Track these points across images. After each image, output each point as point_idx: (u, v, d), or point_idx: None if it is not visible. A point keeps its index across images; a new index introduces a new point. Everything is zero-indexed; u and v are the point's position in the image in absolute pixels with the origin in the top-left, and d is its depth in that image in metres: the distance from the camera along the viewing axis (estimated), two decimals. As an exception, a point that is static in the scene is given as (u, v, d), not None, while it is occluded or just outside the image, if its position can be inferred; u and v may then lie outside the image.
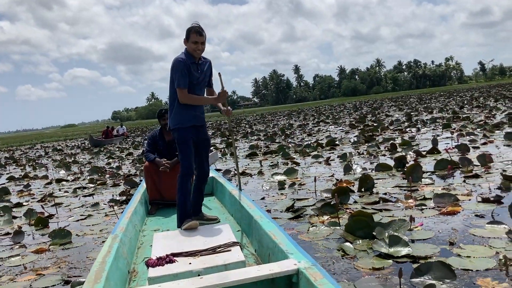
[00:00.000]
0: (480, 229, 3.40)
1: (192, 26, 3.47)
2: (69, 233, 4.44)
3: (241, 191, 4.10)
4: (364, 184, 5.14)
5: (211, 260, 2.57)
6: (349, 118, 21.38)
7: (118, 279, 2.52)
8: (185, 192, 3.54)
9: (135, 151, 15.63)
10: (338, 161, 7.72)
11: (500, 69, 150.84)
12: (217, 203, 4.78)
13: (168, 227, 3.94)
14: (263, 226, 2.92)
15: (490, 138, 8.45)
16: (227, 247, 2.74)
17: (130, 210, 3.89)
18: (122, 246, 2.90)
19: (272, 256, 2.62)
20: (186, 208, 3.52)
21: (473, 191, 4.58)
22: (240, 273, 2.22)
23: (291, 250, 2.40)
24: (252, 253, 3.08)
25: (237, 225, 3.79)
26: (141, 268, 2.95)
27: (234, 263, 2.51)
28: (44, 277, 3.33)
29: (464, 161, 5.87)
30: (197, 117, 3.59)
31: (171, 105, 3.57)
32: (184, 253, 2.69)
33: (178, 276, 2.39)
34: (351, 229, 3.57)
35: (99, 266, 2.40)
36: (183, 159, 3.55)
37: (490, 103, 20.28)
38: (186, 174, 3.55)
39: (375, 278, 2.70)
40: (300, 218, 4.28)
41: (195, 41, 3.44)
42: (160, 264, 2.55)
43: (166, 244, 2.94)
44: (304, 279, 2.09)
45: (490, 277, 2.55)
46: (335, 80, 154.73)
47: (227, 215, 4.21)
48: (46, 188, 8.33)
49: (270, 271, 2.17)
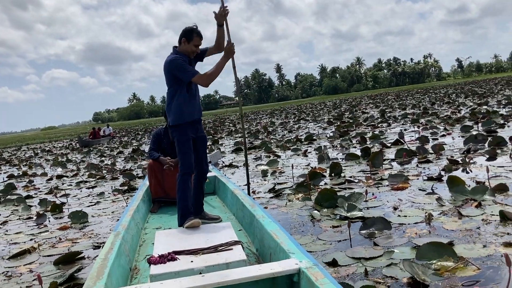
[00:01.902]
0: (418, 197, 4.36)
1: (194, 28, 3.48)
2: (86, 214, 5.26)
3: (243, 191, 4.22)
4: (334, 170, 6.07)
5: (213, 258, 2.59)
6: (328, 115, 22.42)
7: (120, 276, 2.55)
8: (185, 191, 3.54)
9: (125, 149, 16.37)
10: (314, 153, 8.66)
11: (477, 66, 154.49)
12: (219, 202, 4.85)
13: (170, 225, 3.97)
14: (265, 225, 2.94)
15: (449, 131, 9.50)
16: (229, 246, 2.75)
17: (133, 208, 3.92)
18: (124, 244, 2.93)
19: (274, 255, 2.63)
20: (187, 207, 3.53)
21: (422, 172, 5.55)
22: (242, 271, 2.22)
23: (292, 250, 2.41)
24: (253, 252, 3.11)
25: (238, 224, 3.82)
26: (142, 266, 2.99)
27: (236, 262, 2.51)
28: (78, 244, 4.18)
29: (420, 150, 6.87)
30: (194, 111, 3.58)
31: (169, 103, 3.56)
32: (186, 251, 2.71)
33: (180, 274, 2.41)
34: (319, 201, 4.49)
35: (101, 263, 2.41)
36: (183, 159, 3.56)
37: (460, 99, 21.55)
38: (186, 174, 3.56)
39: (333, 232, 3.63)
40: (280, 197, 5.19)
41: (197, 44, 3.50)
42: (162, 262, 2.57)
43: (168, 242, 2.96)
44: (305, 278, 2.10)
45: (416, 228, 3.49)
46: (316, 79, 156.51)
47: (229, 214, 4.26)
48: (49, 183, 9.08)
49: (271, 270, 2.18)
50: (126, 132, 35.75)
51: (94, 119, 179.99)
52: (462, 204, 3.97)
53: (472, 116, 11.82)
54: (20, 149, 29.50)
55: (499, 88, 28.49)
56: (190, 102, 3.54)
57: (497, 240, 3.00)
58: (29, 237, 4.70)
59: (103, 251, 2.64)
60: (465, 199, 4.08)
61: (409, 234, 3.36)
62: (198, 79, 3.46)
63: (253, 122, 26.42)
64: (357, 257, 3.00)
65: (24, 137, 68.51)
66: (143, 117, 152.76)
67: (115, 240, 2.86)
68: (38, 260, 3.80)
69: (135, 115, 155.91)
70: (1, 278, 3.44)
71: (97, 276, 2.23)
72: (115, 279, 2.38)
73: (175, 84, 3.52)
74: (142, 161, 11.36)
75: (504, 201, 3.90)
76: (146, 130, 35.26)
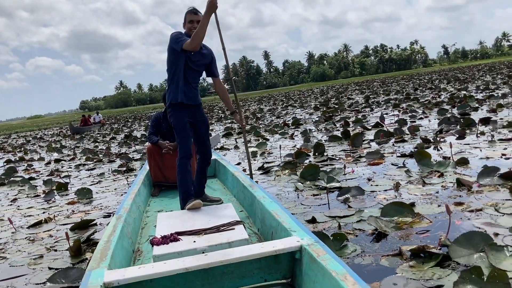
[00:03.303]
0: (390, 170, 4.93)
1: (188, 9, 3.63)
2: (90, 190, 5.75)
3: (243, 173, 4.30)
4: (318, 150, 6.62)
5: (215, 238, 2.62)
6: (315, 102, 22.98)
7: (123, 257, 2.57)
8: (185, 174, 3.57)
9: (117, 135, 16.78)
10: (301, 136, 9.21)
11: (462, 52, 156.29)
12: (219, 185, 4.92)
13: (171, 208, 4.00)
14: (266, 205, 2.97)
15: (427, 114, 10.11)
16: (231, 225, 2.79)
17: (134, 191, 3.95)
18: (126, 226, 2.96)
19: (275, 234, 2.65)
20: (188, 189, 3.57)
21: (397, 150, 6.13)
22: (244, 250, 2.25)
23: (294, 228, 2.43)
24: (255, 232, 3.14)
25: (239, 205, 3.88)
26: (145, 248, 3.02)
27: (238, 241, 2.55)
28: (90, 214, 4.67)
29: (397, 131, 7.45)
30: (192, 94, 3.61)
31: (169, 85, 3.66)
32: (188, 232, 2.75)
33: (183, 254, 2.43)
34: (303, 175, 5.04)
35: (104, 245, 2.43)
36: (181, 142, 3.59)
37: (442, 85, 22.23)
38: (185, 157, 3.60)
39: (314, 199, 4.18)
40: (269, 173, 5.73)
41: (191, 19, 3.55)
42: (165, 243, 2.59)
43: (170, 223, 3.00)
44: (307, 255, 2.13)
45: (385, 194, 4.05)
46: (304, 66, 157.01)
47: (230, 196, 4.33)
48: (48, 167, 9.51)
49: (274, 247, 2.21)
50: (116, 120, 36.00)
51: (81, 108, 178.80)
52: (427, 175, 4.54)
53: (450, 100, 12.44)
54: (10, 137, 29.62)
55: (481, 74, 29.28)
56: (187, 86, 3.58)
57: (450, 201, 3.57)
58: (41, 210, 5.18)
59: (105, 234, 2.65)
60: (430, 171, 4.65)
61: (379, 199, 3.92)
62: (187, 45, 3.40)
63: (242, 109, 26.86)
64: (332, 215, 3.56)
65: (11, 125, 68.18)
66: (130, 105, 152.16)
67: (117, 223, 2.88)
68: (55, 228, 4.31)
69: (122, 103, 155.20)
70: (26, 241, 3.94)
71: (100, 257, 2.24)
72: (118, 261, 2.39)
73: (173, 65, 3.57)
74: (136, 145, 11.81)
75: (463, 171, 4.48)
76: (135, 118, 35.55)
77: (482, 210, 3.25)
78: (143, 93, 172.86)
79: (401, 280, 2.32)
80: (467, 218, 3.13)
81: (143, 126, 21.64)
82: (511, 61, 62.81)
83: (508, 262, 2.35)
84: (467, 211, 3.28)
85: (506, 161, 4.70)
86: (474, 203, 3.44)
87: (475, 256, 2.45)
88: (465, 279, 2.17)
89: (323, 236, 2.94)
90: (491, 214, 3.15)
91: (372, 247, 2.83)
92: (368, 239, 3.00)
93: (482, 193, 3.67)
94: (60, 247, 3.65)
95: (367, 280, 2.31)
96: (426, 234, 2.95)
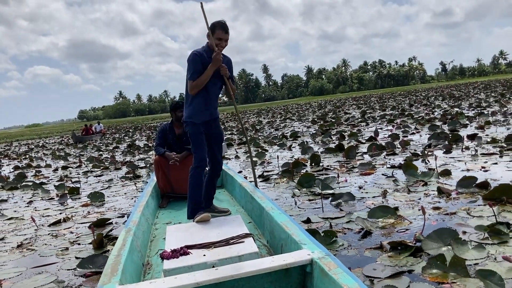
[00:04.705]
0: (380, 180, 5.40)
1: (218, 22, 3.49)
2: (102, 194, 6.20)
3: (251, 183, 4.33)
4: (314, 160, 7.09)
5: (225, 251, 2.61)
6: (312, 115, 23.53)
7: (134, 271, 2.57)
8: (197, 185, 3.57)
9: (120, 145, 17.24)
10: (298, 148, 9.69)
11: (460, 69, 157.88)
12: (227, 195, 4.93)
13: (179, 220, 4.01)
14: (275, 217, 2.96)
15: (419, 130, 10.61)
16: (240, 238, 2.78)
17: (142, 203, 3.94)
18: (136, 240, 2.96)
19: (285, 246, 2.65)
20: (198, 201, 3.56)
21: (387, 162, 6.60)
22: (255, 264, 2.24)
23: (304, 241, 2.43)
24: (264, 244, 3.13)
25: (248, 216, 3.87)
26: (155, 261, 3.01)
27: (248, 254, 2.53)
28: (106, 214, 5.12)
29: (389, 145, 7.94)
30: (209, 112, 3.63)
31: (186, 97, 3.63)
32: (198, 245, 2.74)
33: (193, 268, 2.42)
34: (301, 183, 5.50)
35: (114, 260, 2.44)
36: (196, 152, 3.59)
37: (437, 101, 22.81)
38: (199, 167, 3.58)
39: (309, 203, 4.64)
40: (268, 181, 6.19)
41: (220, 37, 3.46)
42: (175, 257, 2.58)
43: (179, 236, 2.98)
44: (318, 268, 2.12)
45: (374, 200, 4.52)
46: (303, 80, 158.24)
47: (238, 207, 4.32)
48: (56, 173, 9.95)
49: (284, 261, 2.20)
50: (116, 130, 36.48)
51: (79, 117, 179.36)
52: (412, 184, 5.01)
53: (442, 117, 12.97)
54: (11, 144, 30.04)
55: (475, 92, 29.93)
56: (206, 100, 3.57)
57: (430, 205, 4.04)
58: (58, 211, 5.62)
59: (115, 248, 2.66)
60: (416, 181, 5.12)
61: (368, 204, 4.38)
62: (190, 84, 3.49)
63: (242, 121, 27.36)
64: (325, 217, 4.03)
65: (10, 134, 68.51)
66: (129, 115, 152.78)
67: (126, 236, 2.89)
68: (74, 226, 4.75)
69: (121, 113, 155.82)
70: (50, 237, 4.38)
71: (111, 272, 2.25)
72: (129, 275, 2.40)
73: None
74: (140, 154, 12.27)
75: (445, 181, 4.95)
76: (136, 128, 36.04)
77: (456, 213, 3.71)
78: (142, 103, 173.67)
79: (380, 267, 2.78)
80: (442, 219, 3.59)
81: (145, 136, 22.11)
82: (507, 79, 63.76)
83: (470, 253, 2.82)
84: (443, 214, 3.74)
85: (485, 173, 5.18)
86: (450, 207, 3.91)
87: (443, 249, 2.91)
88: (431, 265, 2.64)
89: (315, 232, 3.40)
90: (463, 216, 3.62)
91: (357, 242, 3.30)
92: (355, 236, 3.46)
93: (458, 200, 4.14)
94: (82, 241, 4.10)
95: (352, 267, 2.78)
96: (406, 232, 3.41)
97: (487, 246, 2.91)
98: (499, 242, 2.97)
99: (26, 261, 3.69)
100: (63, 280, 3.13)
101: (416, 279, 2.56)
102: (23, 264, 3.61)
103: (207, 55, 3.48)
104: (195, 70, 3.44)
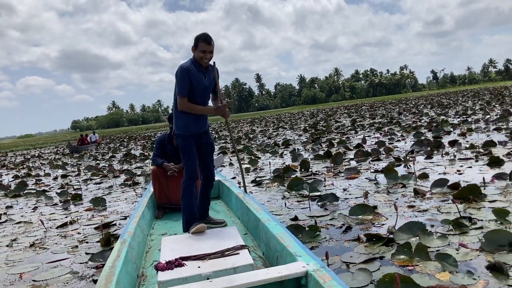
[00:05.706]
0: (363, 183, 5.84)
1: (201, 35, 3.50)
2: (104, 199, 6.57)
3: (247, 194, 4.32)
4: (303, 166, 7.53)
5: (220, 263, 2.60)
6: (304, 124, 24.04)
7: (128, 283, 2.56)
8: (190, 196, 3.59)
9: (116, 154, 17.60)
10: (289, 155, 10.12)
11: (451, 78, 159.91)
12: (223, 207, 4.93)
13: (175, 231, 4.01)
14: (271, 229, 2.96)
15: (404, 137, 11.10)
16: (235, 250, 2.77)
17: (138, 214, 3.94)
18: (130, 251, 2.94)
19: (280, 258, 2.66)
20: (192, 212, 3.58)
21: (371, 167, 7.06)
22: (249, 276, 2.24)
23: (299, 253, 2.44)
24: (259, 256, 3.14)
25: (244, 228, 3.88)
26: (149, 272, 3.00)
27: (243, 266, 2.53)
28: (109, 217, 5.51)
29: (374, 151, 8.40)
30: (199, 125, 3.65)
31: (175, 111, 3.63)
32: (193, 257, 2.74)
33: (188, 279, 2.41)
34: (290, 186, 5.93)
35: (109, 271, 2.43)
36: (187, 164, 3.61)
37: (426, 109, 23.41)
38: (191, 179, 3.60)
39: (298, 204, 5.07)
40: (260, 185, 6.61)
41: (203, 50, 3.47)
42: (170, 268, 2.58)
43: (174, 248, 2.97)
44: (313, 281, 2.12)
45: (355, 200, 4.95)
46: (295, 89, 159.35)
47: (234, 218, 4.33)
48: (56, 181, 10.30)
49: (279, 273, 2.21)
50: (111, 139, 36.82)
51: (72, 127, 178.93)
52: (392, 186, 5.46)
53: (428, 124, 13.49)
54: (7, 155, 30.23)
55: (464, 100, 30.65)
56: (193, 116, 3.59)
57: (405, 204, 4.48)
58: (63, 215, 6.00)
59: (110, 259, 2.65)
60: (396, 183, 5.57)
61: (350, 204, 4.81)
62: (180, 100, 3.51)
63: (235, 129, 27.87)
64: (311, 215, 4.46)
65: (4, 144, 68.38)
66: (123, 125, 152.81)
67: (121, 247, 2.88)
68: (80, 228, 5.13)
69: (114, 123, 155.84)
70: (59, 237, 4.76)
71: (105, 284, 2.24)
72: (123, 286, 2.39)
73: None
74: (136, 163, 12.65)
75: (422, 184, 5.40)
76: (130, 138, 36.39)
77: (427, 211, 4.16)
78: (135, 113, 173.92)
79: (355, 254, 3.21)
80: (415, 216, 4.03)
81: (140, 145, 22.47)
82: (496, 87, 64.87)
83: (434, 242, 3.26)
84: (417, 211, 4.19)
85: (459, 175, 5.63)
86: (423, 206, 4.35)
87: (412, 239, 3.34)
88: (399, 251, 3.08)
89: (300, 228, 3.82)
90: (434, 213, 4.06)
91: (338, 236, 3.73)
92: (337, 230, 3.89)
93: (431, 199, 4.59)
94: (90, 240, 4.49)
95: (331, 255, 3.20)
96: (382, 227, 3.84)
97: (449, 236, 3.36)
98: (460, 233, 3.41)
99: (40, 257, 4.07)
100: (78, 271, 3.52)
101: (385, 264, 3.00)
102: (38, 260, 3.99)
103: (195, 68, 3.52)
104: (183, 85, 3.47)
